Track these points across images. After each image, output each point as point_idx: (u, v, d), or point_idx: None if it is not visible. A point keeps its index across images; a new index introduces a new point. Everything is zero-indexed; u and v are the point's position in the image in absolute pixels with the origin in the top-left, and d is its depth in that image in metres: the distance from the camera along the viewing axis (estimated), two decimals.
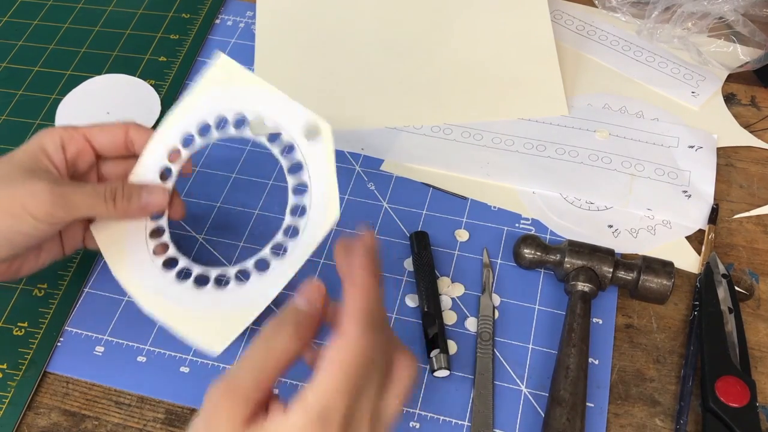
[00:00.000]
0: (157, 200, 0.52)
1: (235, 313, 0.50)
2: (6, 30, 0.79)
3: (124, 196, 0.51)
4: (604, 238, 0.61)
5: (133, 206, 0.51)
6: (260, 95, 0.52)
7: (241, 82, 0.53)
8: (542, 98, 0.70)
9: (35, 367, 0.55)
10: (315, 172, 0.51)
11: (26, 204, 0.47)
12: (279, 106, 0.52)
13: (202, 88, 0.53)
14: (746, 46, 0.74)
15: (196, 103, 0.53)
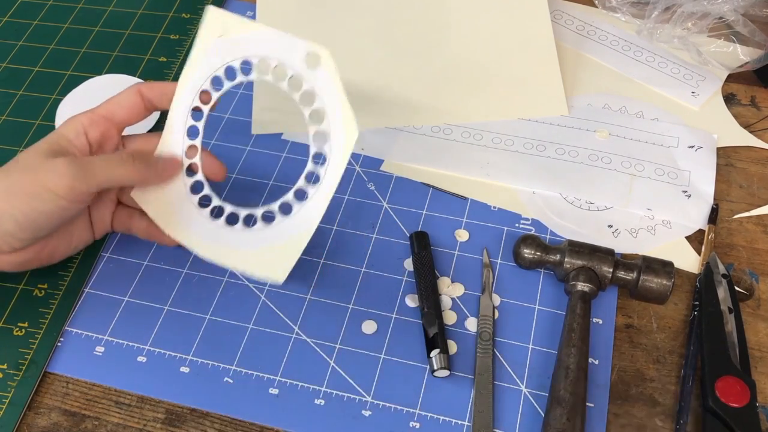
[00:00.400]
0: (173, 165, 0.55)
1: (288, 243, 0.53)
2: (6, 30, 0.79)
3: (142, 159, 0.53)
4: (604, 238, 0.61)
5: (151, 169, 0.54)
6: (258, 38, 0.54)
7: (238, 30, 0.54)
8: (542, 98, 0.70)
9: (35, 367, 0.55)
10: (326, 98, 0.53)
11: (46, 181, 0.49)
12: (278, 43, 0.53)
13: (202, 44, 0.55)
14: (746, 46, 0.74)
15: (201, 60, 0.55)
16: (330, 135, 0.53)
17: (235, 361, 0.55)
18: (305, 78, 0.53)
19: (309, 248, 0.61)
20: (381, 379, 0.54)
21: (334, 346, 0.56)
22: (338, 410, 0.53)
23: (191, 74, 0.55)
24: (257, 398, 0.53)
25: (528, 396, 0.53)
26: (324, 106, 0.53)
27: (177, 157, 0.55)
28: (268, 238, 0.54)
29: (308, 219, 0.53)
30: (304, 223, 0.53)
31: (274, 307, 0.58)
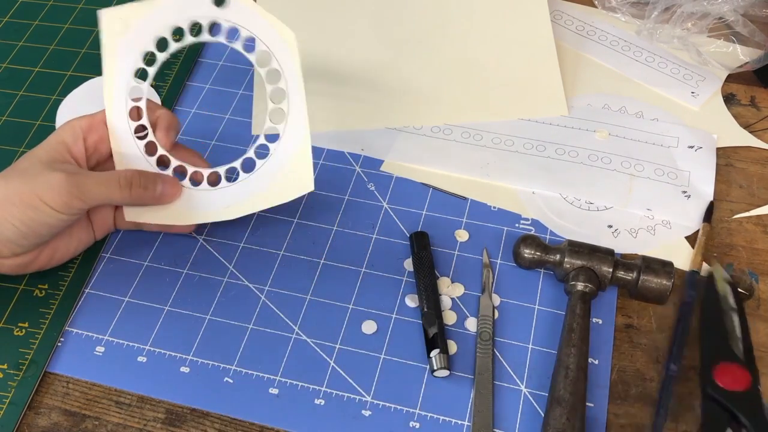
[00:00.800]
0: (172, 190, 0.56)
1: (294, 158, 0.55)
2: (6, 30, 0.79)
3: (140, 185, 0.53)
4: (603, 238, 0.61)
5: (148, 194, 0.54)
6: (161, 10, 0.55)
7: (137, 16, 0.55)
8: (542, 98, 0.70)
9: (36, 367, 0.55)
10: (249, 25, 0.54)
11: (43, 196, 0.50)
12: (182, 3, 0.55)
13: (109, 50, 0.55)
14: (746, 46, 0.74)
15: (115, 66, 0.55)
16: (272, 52, 0.54)
17: (235, 361, 0.55)
18: (219, 18, 0.54)
19: (309, 248, 0.61)
20: (381, 379, 0.54)
21: (334, 346, 0.56)
22: (338, 410, 0.53)
23: (111, 80, 0.55)
24: (257, 398, 0.53)
25: (528, 396, 0.53)
26: (252, 34, 0.54)
27: (177, 181, 0.56)
28: (271, 169, 0.55)
29: (297, 129, 0.55)
30: (296, 133, 0.55)
31: (274, 307, 0.58)
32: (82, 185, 0.51)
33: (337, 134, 0.69)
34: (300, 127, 0.55)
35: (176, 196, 0.56)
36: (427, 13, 0.76)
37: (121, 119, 0.55)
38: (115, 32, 0.55)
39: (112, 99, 0.55)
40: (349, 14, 0.77)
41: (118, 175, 0.53)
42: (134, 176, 0.54)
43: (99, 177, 0.52)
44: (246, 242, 0.61)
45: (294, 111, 0.55)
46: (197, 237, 0.62)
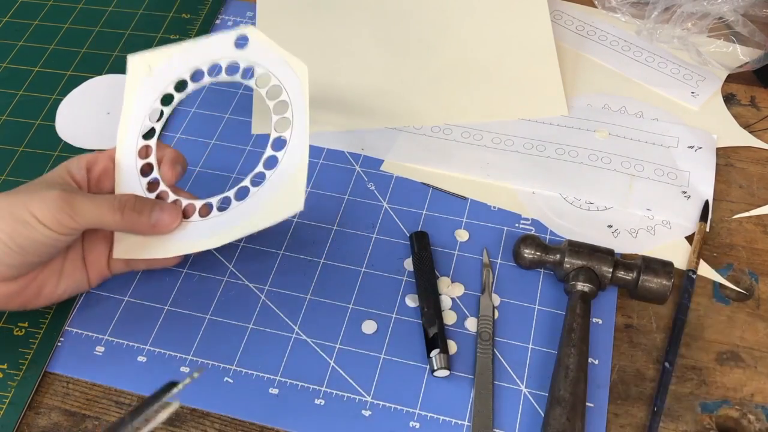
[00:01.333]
0: (169, 218, 0.53)
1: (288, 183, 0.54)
2: (6, 30, 0.79)
3: (134, 209, 0.51)
4: (603, 238, 0.61)
5: (143, 220, 0.51)
6: (183, 54, 0.56)
7: (161, 60, 0.57)
8: (542, 98, 0.70)
9: (35, 367, 0.55)
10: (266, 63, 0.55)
11: (34, 209, 0.48)
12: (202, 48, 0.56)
13: (131, 88, 0.57)
14: (746, 47, 0.74)
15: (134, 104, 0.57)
16: (283, 86, 0.55)
17: (235, 361, 0.55)
18: (239, 58, 0.56)
19: (309, 248, 0.61)
20: (381, 379, 0.54)
21: (334, 346, 0.56)
22: (338, 410, 0.53)
23: (127, 119, 0.56)
24: (257, 398, 0.53)
25: (528, 396, 0.53)
26: (267, 70, 0.55)
27: (176, 209, 0.54)
28: (263, 194, 0.54)
29: (295, 156, 0.54)
30: (294, 161, 0.54)
31: (274, 307, 0.58)
32: (75, 203, 0.49)
33: (337, 134, 0.69)
34: (300, 151, 0.54)
35: (173, 225, 0.53)
36: (428, 13, 0.76)
37: (129, 156, 0.55)
38: (140, 76, 0.56)
39: (125, 136, 0.56)
40: (350, 14, 0.77)
41: (113, 197, 0.51)
42: (129, 200, 0.51)
43: (94, 197, 0.50)
44: (246, 242, 0.61)
45: (296, 137, 0.54)
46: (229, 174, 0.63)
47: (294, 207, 0.52)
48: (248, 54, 0.56)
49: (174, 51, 0.56)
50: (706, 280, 0.59)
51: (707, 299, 0.58)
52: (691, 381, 0.54)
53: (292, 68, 0.55)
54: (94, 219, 0.50)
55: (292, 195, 0.53)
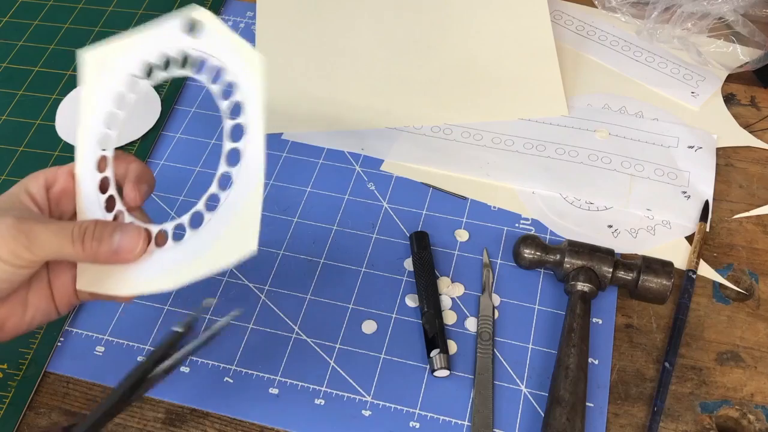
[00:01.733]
0: (131, 243, 0.46)
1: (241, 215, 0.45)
2: (6, 30, 0.79)
3: (94, 237, 0.45)
4: (604, 238, 0.61)
5: (103, 249, 0.45)
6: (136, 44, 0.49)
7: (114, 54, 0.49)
8: (542, 98, 0.70)
9: (36, 367, 0.55)
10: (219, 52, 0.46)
11: None
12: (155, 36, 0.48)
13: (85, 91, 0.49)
14: (746, 47, 0.74)
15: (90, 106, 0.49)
16: (237, 83, 0.45)
17: (235, 361, 0.55)
18: (189, 46, 0.47)
19: (309, 248, 0.61)
20: (381, 379, 0.54)
21: (334, 346, 0.56)
22: (338, 410, 0.53)
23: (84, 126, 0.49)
24: (257, 398, 0.53)
25: (528, 396, 0.53)
26: (221, 63, 0.46)
27: (139, 232, 0.46)
28: (217, 224, 0.45)
29: (251, 174, 0.45)
30: (249, 180, 0.45)
31: (274, 307, 0.58)
32: (31, 233, 0.43)
33: (337, 134, 0.69)
34: (254, 171, 0.45)
35: (136, 251, 0.46)
36: (428, 13, 0.76)
37: (88, 170, 0.48)
38: (94, 74, 0.49)
39: (83, 147, 0.49)
40: (350, 14, 0.77)
41: (73, 225, 0.45)
42: (89, 227, 0.45)
43: (52, 226, 0.44)
44: None
45: (250, 152, 0.45)
46: None
47: (244, 248, 0.43)
48: (201, 43, 0.47)
49: (126, 44, 0.48)
50: (706, 280, 0.59)
51: (707, 299, 0.58)
52: (691, 381, 0.54)
53: (245, 60, 0.45)
54: (53, 251, 0.44)
55: (243, 232, 0.44)
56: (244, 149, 0.45)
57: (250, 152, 0.45)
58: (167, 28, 0.47)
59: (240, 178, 0.45)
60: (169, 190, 0.65)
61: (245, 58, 0.45)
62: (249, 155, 0.45)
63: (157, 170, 0.67)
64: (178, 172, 0.67)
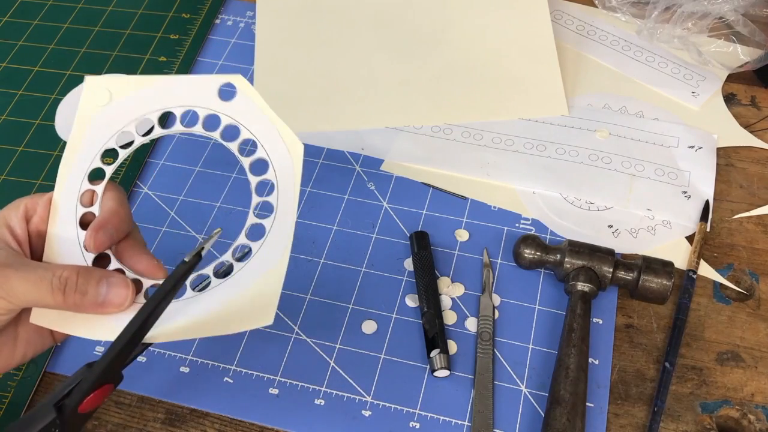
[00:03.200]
0: (118, 298, 0.43)
1: (262, 289, 0.44)
2: (6, 30, 0.79)
3: (77, 289, 0.42)
4: (604, 238, 0.61)
5: (88, 301, 0.42)
6: (154, 91, 0.47)
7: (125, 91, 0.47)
8: (542, 98, 0.70)
9: (35, 367, 0.55)
10: (253, 125, 0.46)
11: None
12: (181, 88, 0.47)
13: (83, 117, 0.47)
14: (746, 46, 0.74)
15: (85, 135, 0.47)
16: (271, 162, 0.45)
17: (235, 361, 0.55)
18: (222, 112, 0.46)
19: (309, 248, 0.61)
20: (381, 379, 0.54)
21: (334, 346, 0.56)
22: (338, 410, 0.53)
23: (73, 154, 0.46)
24: (257, 398, 0.53)
25: (528, 396, 0.53)
26: (253, 137, 0.46)
27: (127, 283, 0.43)
28: (229, 291, 0.44)
29: (274, 252, 0.45)
30: (271, 257, 0.45)
31: None
32: (7, 284, 0.41)
33: (337, 134, 0.69)
34: (279, 249, 0.44)
35: (124, 305, 0.43)
36: (428, 13, 0.76)
37: (68, 200, 0.46)
38: (96, 102, 0.47)
39: (67, 175, 0.46)
40: (350, 14, 0.77)
41: (52, 273, 0.41)
42: (70, 277, 0.42)
43: (30, 275, 0.41)
44: None
45: (277, 231, 0.45)
46: (197, 236, 0.62)
47: (263, 319, 0.43)
48: (233, 109, 0.46)
49: (143, 83, 0.47)
50: (706, 280, 0.59)
51: (708, 299, 0.58)
52: (692, 381, 0.54)
53: (285, 144, 0.45)
54: (30, 301, 0.42)
55: (265, 303, 0.43)
56: (269, 228, 0.45)
57: (277, 232, 0.45)
58: (198, 82, 0.46)
59: (261, 254, 0.45)
60: (150, 220, 0.63)
61: (286, 141, 0.45)
62: (275, 234, 0.45)
63: (139, 199, 0.65)
64: (162, 200, 0.65)
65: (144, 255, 0.45)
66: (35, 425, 0.39)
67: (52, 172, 0.67)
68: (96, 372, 0.40)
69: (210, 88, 0.46)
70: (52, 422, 0.40)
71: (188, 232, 0.62)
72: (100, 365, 0.40)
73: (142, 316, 0.41)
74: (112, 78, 0.47)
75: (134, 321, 0.41)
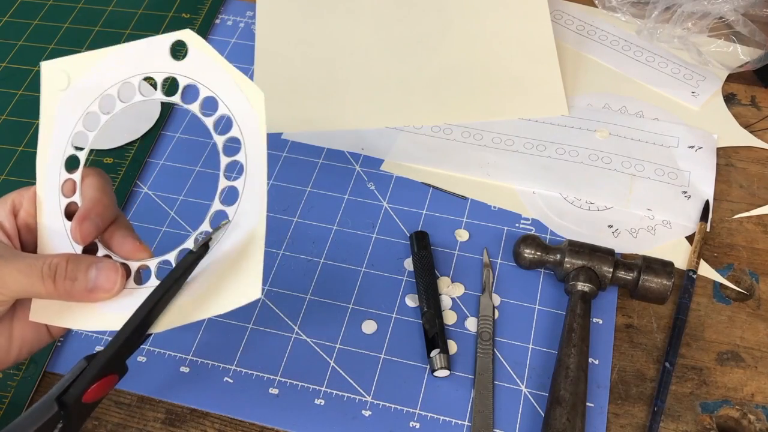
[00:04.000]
0: (108, 282, 0.43)
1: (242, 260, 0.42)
2: (6, 30, 0.79)
3: (67, 276, 0.42)
4: (604, 238, 0.61)
5: (78, 287, 0.42)
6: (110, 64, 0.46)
7: (82, 70, 0.46)
8: (542, 98, 0.70)
9: (35, 367, 0.55)
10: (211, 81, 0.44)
11: None
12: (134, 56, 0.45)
13: (46, 105, 0.46)
14: (746, 46, 0.74)
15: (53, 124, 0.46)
16: (234, 116, 0.43)
17: (235, 361, 0.55)
18: (178, 72, 0.44)
19: (309, 248, 0.61)
20: (381, 379, 0.54)
21: (334, 346, 0.56)
22: (338, 410, 0.53)
23: (46, 145, 0.46)
24: (257, 398, 0.53)
25: (528, 396, 0.53)
26: (213, 92, 0.44)
27: (116, 268, 0.43)
28: (211, 267, 0.43)
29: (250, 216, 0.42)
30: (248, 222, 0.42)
31: (274, 307, 0.58)
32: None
33: (337, 134, 0.69)
34: (255, 213, 0.42)
35: (115, 290, 0.43)
36: (428, 12, 0.76)
37: (51, 192, 0.45)
38: (56, 88, 0.46)
39: (45, 166, 0.45)
40: (350, 14, 0.77)
41: (42, 262, 0.42)
42: (60, 264, 0.42)
43: (20, 264, 0.42)
44: None
45: (249, 192, 0.42)
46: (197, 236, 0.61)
47: (249, 294, 0.41)
48: (189, 68, 0.44)
49: (98, 58, 0.45)
50: (706, 280, 0.59)
51: (707, 299, 0.58)
52: (692, 381, 0.54)
53: (245, 94, 0.43)
54: (22, 290, 0.42)
55: (249, 275, 0.41)
56: (242, 190, 0.43)
57: (249, 192, 0.42)
58: (151, 47, 0.45)
59: (236, 220, 0.43)
60: (150, 220, 0.63)
61: (247, 94, 0.43)
62: (248, 195, 0.42)
63: (139, 199, 0.65)
64: (162, 200, 0.65)
65: (128, 237, 0.45)
66: (38, 420, 0.39)
67: None
68: (102, 360, 0.40)
69: (163, 49, 0.44)
70: (55, 415, 0.39)
71: (188, 231, 0.62)
72: (106, 353, 0.40)
73: (148, 305, 0.41)
74: (66, 59, 0.46)
75: (140, 310, 0.41)
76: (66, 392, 0.40)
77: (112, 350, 0.40)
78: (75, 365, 0.41)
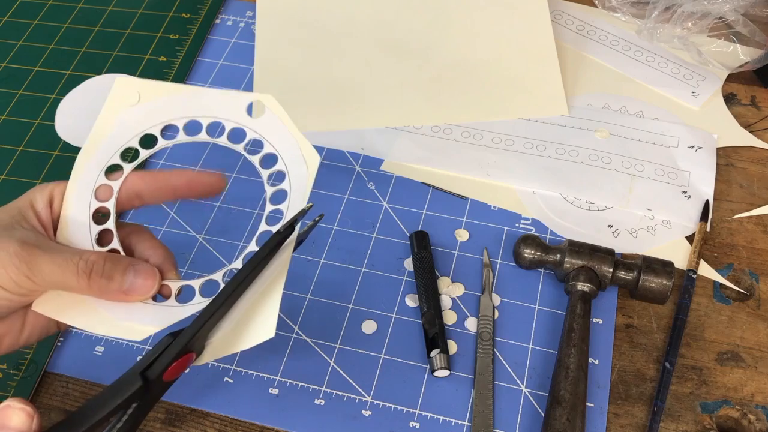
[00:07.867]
0: (144, 286, 0.43)
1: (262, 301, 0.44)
2: (6, 30, 0.79)
3: (103, 274, 0.42)
4: (604, 238, 0.61)
5: (113, 287, 0.43)
6: (184, 98, 0.48)
7: (153, 95, 0.48)
8: (542, 98, 0.70)
9: (35, 367, 0.55)
10: (277, 142, 0.47)
11: None
12: (207, 100, 0.48)
13: (108, 114, 0.48)
14: (746, 46, 0.74)
15: (107, 133, 0.48)
16: (288, 173, 0.47)
17: (235, 361, 0.55)
18: (247, 126, 0.47)
19: (309, 248, 0.61)
20: (381, 379, 0.54)
21: (334, 346, 0.56)
22: (338, 410, 0.53)
23: (94, 148, 0.47)
24: (257, 398, 0.53)
25: (528, 396, 0.53)
26: (276, 150, 0.47)
27: (153, 272, 0.44)
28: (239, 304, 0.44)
29: (276, 262, 0.45)
30: (274, 265, 0.45)
31: None
32: (34, 263, 0.41)
33: (337, 134, 0.69)
34: (282, 261, 0.44)
35: (149, 293, 0.43)
36: (428, 12, 0.76)
37: (84, 188, 0.46)
38: (125, 102, 0.48)
39: (84, 166, 0.47)
40: (350, 14, 0.77)
41: (78, 257, 0.42)
42: (97, 262, 0.42)
43: (57, 257, 0.42)
44: (245, 241, 0.61)
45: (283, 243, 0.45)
46: (197, 235, 0.62)
47: (265, 333, 0.43)
48: (258, 124, 0.47)
49: (173, 90, 0.48)
50: (706, 280, 0.59)
51: (707, 299, 0.58)
52: (692, 381, 0.54)
53: (304, 157, 0.47)
54: (55, 282, 0.42)
55: (266, 317, 0.43)
56: None
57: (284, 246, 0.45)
58: (227, 98, 0.48)
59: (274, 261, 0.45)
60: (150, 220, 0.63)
61: (305, 154, 0.47)
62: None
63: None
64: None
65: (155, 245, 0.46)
66: (122, 393, 0.39)
67: (52, 172, 0.67)
68: (187, 336, 0.40)
69: (239, 104, 0.48)
70: (138, 390, 0.39)
71: (188, 232, 0.62)
72: (189, 332, 0.40)
73: (233, 286, 0.41)
74: (143, 80, 0.48)
75: (225, 290, 0.41)
76: (150, 368, 0.40)
77: (197, 326, 0.40)
78: (159, 341, 0.41)
